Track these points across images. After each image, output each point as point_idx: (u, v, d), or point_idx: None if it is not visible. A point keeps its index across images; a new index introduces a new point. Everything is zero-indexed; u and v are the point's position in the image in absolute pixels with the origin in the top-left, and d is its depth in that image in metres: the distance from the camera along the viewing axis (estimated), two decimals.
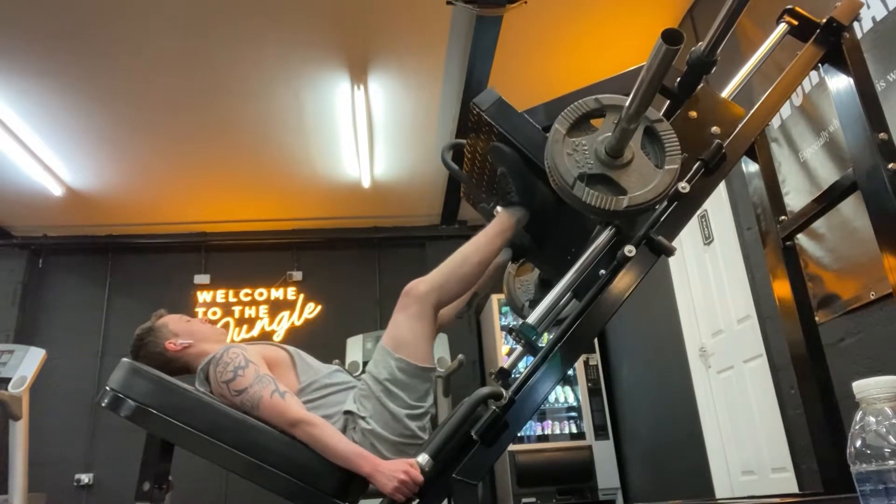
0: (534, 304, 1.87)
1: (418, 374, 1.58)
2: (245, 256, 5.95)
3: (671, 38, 0.99)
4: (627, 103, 1.14)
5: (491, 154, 1.56)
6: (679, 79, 1.48)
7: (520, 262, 1.92)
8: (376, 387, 1.58)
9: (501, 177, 1.59)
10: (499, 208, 1.68)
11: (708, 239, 3.61)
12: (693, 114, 1.44)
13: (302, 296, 5.84)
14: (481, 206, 1.81)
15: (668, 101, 1.53)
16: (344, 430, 1.59)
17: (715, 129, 1.42)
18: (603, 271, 1.32)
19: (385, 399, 1.56)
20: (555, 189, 1.26)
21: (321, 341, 5.27)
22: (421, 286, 1.58)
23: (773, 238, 1.88)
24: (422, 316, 1.57)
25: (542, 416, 4.91)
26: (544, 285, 1.83)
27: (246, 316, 5.75)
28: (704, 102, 1.46)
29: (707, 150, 1.38)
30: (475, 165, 1.69)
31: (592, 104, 1.27)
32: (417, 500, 1.33)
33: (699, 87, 1.47)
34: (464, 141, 1.68)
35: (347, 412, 1.60)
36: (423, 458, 1.31)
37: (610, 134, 1.22)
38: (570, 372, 4.94)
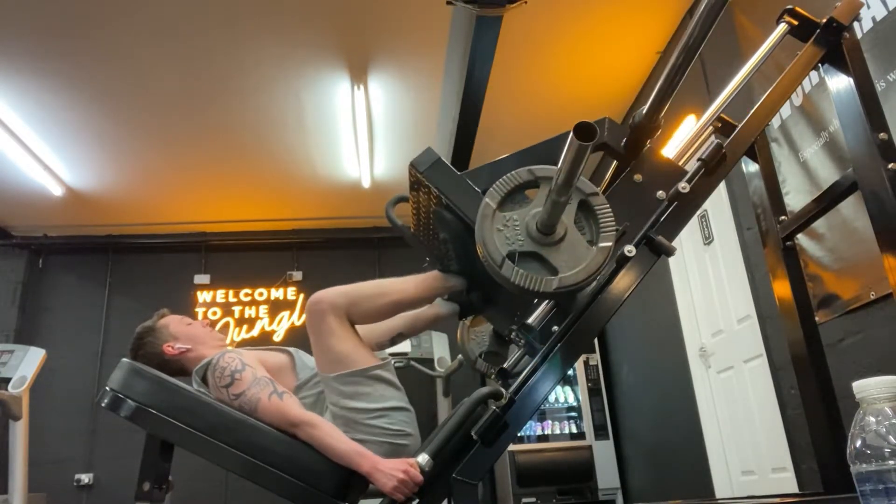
0: (488, 355, 1.86)
1: (363, 377, 1.57)
2: (245, 256, 5.96)
3: (583, 133, 0.94)
4: (554, 179, 1.08)
5: (433, 219, 1.52)
6: (625, 140, 1.43)
7: (471, 316, 1.89)
8: (338, 410, 1.58)
9: (442, 242, 1.55)
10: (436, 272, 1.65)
11: (708, 239, 3.61)
12: (638, 177, 1.39)
13: (302, 296, 5.84)
14: (426, 263, 1.77)
15: (615, 161, 1.49)
16: None
17: (660, 193, 1.37)
18: (556, 328, 1.29)
19: (350, 414, 1.56)
20: (483, 265, 1.19)
21: None
22: (328, 297, 1.55)
23: (773, 238, 1.88)
24: (338, 327, 1.55)
25: (542, 416, 4.91)
26: (498, 337, 1.81)
27: (246, 316, 5.75)
28: (649, 166, 1.41)
29: (652, 214, 1.35)
30: (420, 221, 1.64)
31: (525, 175, 1.20)
32: (417, 500, 1.33)
33: (645, 148, 1.42)
34: (407, 196, 1.62)
35: None
36: (423, 457, 1.31)
37: (541, 208, 1.16)
38: (570, 372, 4.94)
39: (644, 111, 1.40)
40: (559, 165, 1.03)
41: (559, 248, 1.17)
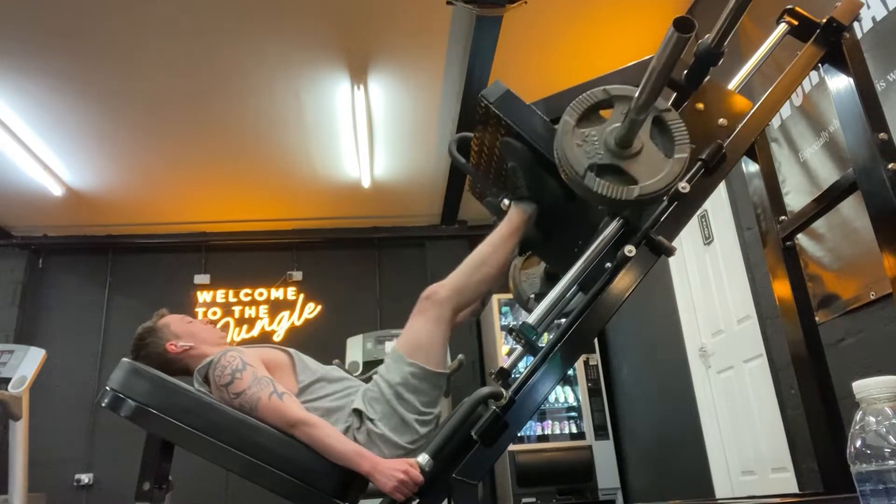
0: (539, 297, 1.85)
1: (431, 380, 1.58)
2: (245, 256, 5.95)
3: (683, 25, 0.99)
4: (637, 93, 1.14)
5: (501, 148, 1.55)
6: (686, 71, 1.47)
7: (526, 256, 1.91)
8: (388, 391, 1.57)
9: (511, 171, 1.57)
10: (505, 202, 1.66)
11: (708, 239, 3.61)
12: (700, 105, 1.43)
13: (302, 296, 5.84)
14: (488, 201, 1.79)
15: (674, 94, 1.52)
16: (346, 431, 1.59)
17: (722, 120, 1.42)
18: (609, 264, 1.31)
19: (396, 403, 1.56)
20: (565, 180, 1.25)
21: (321, 341, 5.27)
22: (441, 291, 1.58)
23: (773, 238, 1.88)
24: (440, 321, 1.57)
25: (542, 416, 4.91)
26: (550, 278, 1.82)
27: (246, 316, 5.75)
28: (711, 94, 1.45)
29: (714, 141, 1.38)
30: (482, 158, 1.68)
31: (601, 95, 1.27)
32: (417, 500, 1.33)
33: (706, 79, 1.46)
34: (471, 134, 1.67)
35: (356, 410, 1.60)
36: (423, 457, 1.31)
37: (619, 124, 1.22)
38: (570, 372, 4.94)
39: (709, 39, 1.42)
40: (654, 60, 1.07)
41: (637, 160, 1.23)
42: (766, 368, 3.02)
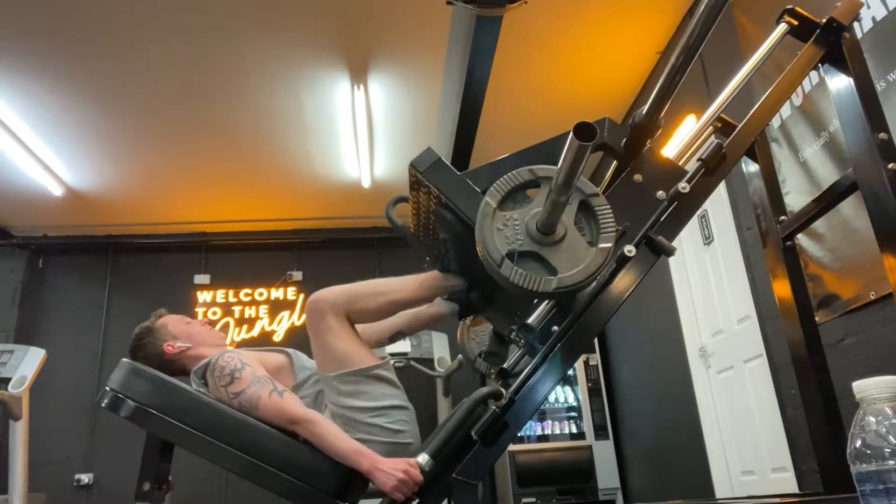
0: (488, 356, 1.87)
1: (363, 376, 1.58)
2: (245, 256, 5.96)
3: (583, 133, 0.94)
4: (554, 178, 1.07)
5: (433, 219, 1.52)
6: (625, 140, 1.43)
7: (472, 316, 1.89)
8: (337, 409, 1.59)
9: (442, 242, 1.55)
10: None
11: (708, 239, 3.61)
12: (638, 177, 1.39)
13: (302, 296, 5.84)
14: (426, 263, 1.77)
15: (615, 162, 1.48)
16: None
17: (660, 193, 1.37)
18: (556, 328, 1.29)
19: (351, 413, 1.57)
20: (484, 265, 1.18)
21: None
22: (327, 296, 1.57)
23: (773, 238, 1.88)
24: (338, 326, 1.56)
25: (542, 416, 4.91)
26: (498, 337, 1.81)
27: (246, 316, 5.75)
28: (649, 166, 1.40)
29: (652, 215, 1.34)
30: (420, 221, 1.64)
31: (526, 175, 1.20)
32: (417, 500, 1.34)
33: (644, 149, 1.42)
34: (407, 196, 1.62)
35: None
36: (423, 457, 1.31)
37: (541, 208, 1.15)
38: (570, 372, 4.94)
39: (644, 111, 1.39)
40: (559, 165, 1.03)
41: (559, 248, 1.16)
42: (766, 368, 3.01)
